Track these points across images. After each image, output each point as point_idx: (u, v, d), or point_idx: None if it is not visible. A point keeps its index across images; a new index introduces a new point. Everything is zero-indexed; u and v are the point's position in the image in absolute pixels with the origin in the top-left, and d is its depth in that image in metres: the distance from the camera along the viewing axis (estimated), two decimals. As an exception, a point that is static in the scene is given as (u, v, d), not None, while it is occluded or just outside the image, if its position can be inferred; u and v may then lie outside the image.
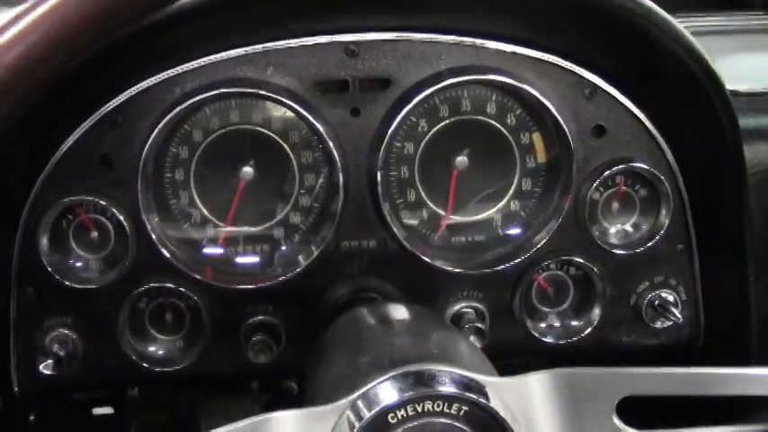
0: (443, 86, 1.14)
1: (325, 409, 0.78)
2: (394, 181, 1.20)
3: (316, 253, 1.17)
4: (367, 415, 0.76)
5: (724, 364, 1.20)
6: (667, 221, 1.22)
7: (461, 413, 0.77)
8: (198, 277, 1.17)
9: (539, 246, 1.20)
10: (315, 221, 1.21)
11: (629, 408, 0.82)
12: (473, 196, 1.23)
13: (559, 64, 1.17)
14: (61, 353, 1.17)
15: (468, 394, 0.77)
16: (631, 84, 1.18)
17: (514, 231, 1.24)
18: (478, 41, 1.16)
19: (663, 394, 0.79)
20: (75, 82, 0.94)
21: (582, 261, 1.22)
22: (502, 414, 0.77)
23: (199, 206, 1.19)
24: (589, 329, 1.24)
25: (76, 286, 1.16)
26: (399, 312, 0.99)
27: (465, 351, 0.87)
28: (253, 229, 1.21)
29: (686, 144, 1.19)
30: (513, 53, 1.16)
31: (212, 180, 1.19)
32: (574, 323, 1.26)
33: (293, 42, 1.14)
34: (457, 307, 1.23)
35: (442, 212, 1.22)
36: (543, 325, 1.26)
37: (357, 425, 0.76)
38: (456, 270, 1.20)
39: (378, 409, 0.76)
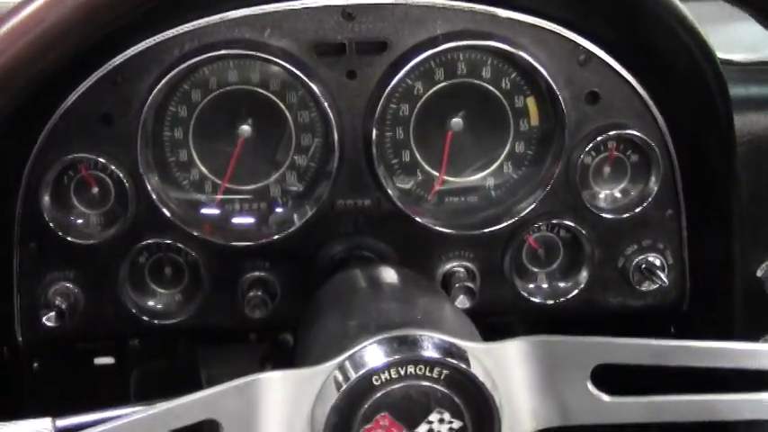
0: (439, 51, 1.16)
1: (315, 370, 0.80)
2: (389, 142, 1.22)
3: (311, 212, 1.20)
4: (353, 376, 0.79)
5: (707, 327, 1.25)
6: (657, 187, 1.23)
7: (442, 377, 0.80)
8: (196, 234, 1.19)
9: (529, 208, 1.22)
10: (311, 181, 1.23)
11: (608, 377, 0.85)
12: (467, 158, 1.25)
13: (554, 30, 1.18)
14: (63, 305, 1.19)
15: (448, 359, 0.80)
16: (626, 52, 1.19)
17: (506, 194, 1.26)
18: (475, 6, 1.17)
19: (635, 363, 0.81)
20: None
21: (572, 224, 1.24)
22: (481, 378, 0.80)
23: (197, 164, 1.22)
24: (576, 291, 1.27)
25: (78, 241, 1.19)
26: (389, 276, 1.01)
27: (449, 316, 0.90)
28: (250, 187, 1.23)
29: (678, 112, 1.21)
30: (509, 19, 1.17)
31: (210, 139, 1.21)
32: (562, 284, 1.28)
33: (291, 5, 1.15)
34: (448, 266, 1.25)
35: (436, 174, 1.24)
36: (532, 285, 1.29)
37: (344, 385, 0.79)
38: (448, 231, 1.22)
39: (363, 371, 0.79)
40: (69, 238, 1.19)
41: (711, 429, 0.94)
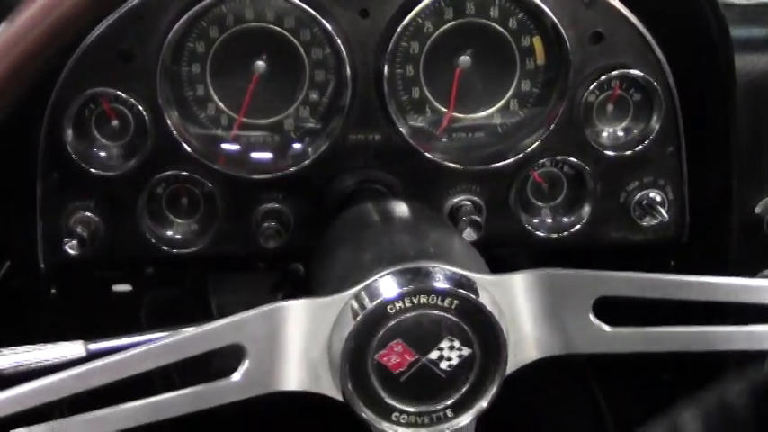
0: None
1: (333, 298, 0.85)
2: (399, 79, 1.25)
3: (324, 146, 1.24)
4: (369, 305, 0.84)
5: (706, 262, 1.29)
6: (659, 125, 1.27)
7: (453, 306, 0.85)
8: (213, 166, 1.23)
9: (535, 144, 1.26)
10: (324, 116, 1.26)
11: (610, 311, 0.90)
12: (474, 96, 1.28)
13: None
14: (84, 233, 1.23)
15: (459, 290, 0.84)
16: (629, -7, 1.22)
17: (512, 130, 1.29)
18: None
19: (634, 296, 0.86)
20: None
21: (575, 160, 1.28)
22: (489, 308, 0.85)
23: (214, 98, 1.25)
24: (579, 225, 1.31)
25: (99, 172, 1.22)
26: (401, 210, 1.06)
27: (459, 249, 0.95)
28: (265, 121, 1.27)
29: (679, 52, 1.24)
30: None
31: (227, 74, 1.24)
32: (565, 219, 1.33)
33: None
34: (455, 200, 1.29)
35: (445, 110, 1.28)
36: (536, 219, 1.33)
37: (360, 313, 0.84)
38: (455, 165, 1.26)
39: (378, 300, 0.84)
40: (91, 169, 1.22)
41: (707, 363, 1.00)
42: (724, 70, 1.20)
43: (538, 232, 1.32)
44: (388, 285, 0.85)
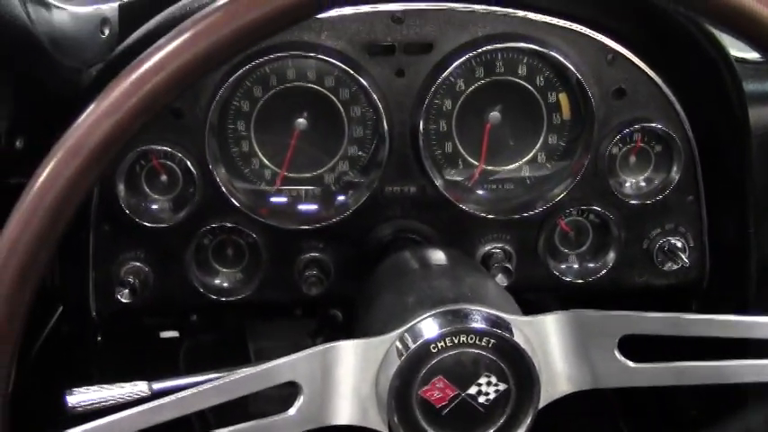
0: (480, 52, 1.27)
1: (381, 339, 0.92)
2: (433, 134, 1.33)
3: (364, 198, 1.31)
4: (413, 345, 0.91)
5: (725, 304, 1.36)
6: (678, 175, 1.34)
7: (490, 345, 0.91)
8: (257, 218, 1.31)
9: (562, 195, 1.33)
10: (362, 169, 1.34)
11: (635, 349, 0.97)
12: (504, 149, 1.35)
13: (584, 32, 1.28)
14: (135, 282, 1.31)
15: (495, 330, 0.91)
16: (649, 51, 1.29)
17: (540, 182, 1.36)
18: (512, 11, 1.28)
19: (656, 333, 0.93)
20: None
21: (600, 209, 1.35)
22: (523, 346, 0.92)
23: (258, 154, 1.32)
24: (605, 270, 1.38)
25: (149, 225, 1.30)
26: (437, 257, 1.13)
27: (494, 293, 1.01)
28: (306, 175, 1.34)
29: (697, 106, 1.31)
30: (543, 22, 1.27)
31: (270, 131, 1.31)
32: (591, 264, 1.40)
33: (345, 10, 1.26)
34: (487, 248, 1.36)
35: (476, 163, 1.35)
36: (564, 265, 1.40)
37: (405, 353, 0.91)
38: (487, 215, 1.33)
39: (421, 340, 0.91)
40: (141, 222, 1.30)
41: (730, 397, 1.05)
42: (739, 122, 1.27)
43: (565, 278, 1.39)
44: (429, 327, 0.92)
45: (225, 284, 1.37)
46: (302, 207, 1.35)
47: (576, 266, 1.40)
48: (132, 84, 0.73)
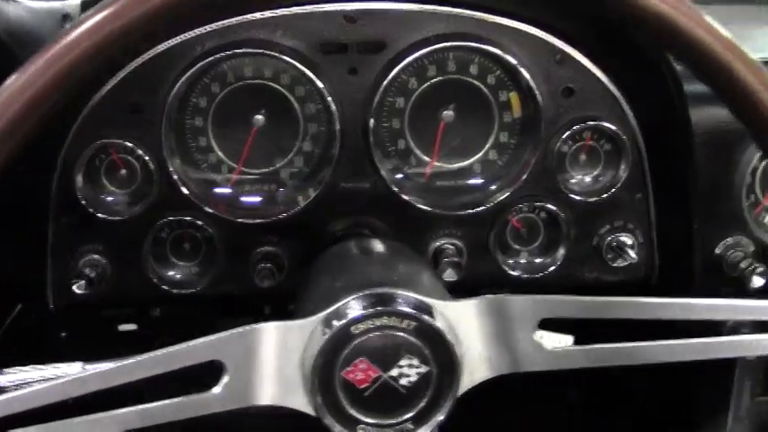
0: (431, 50, 1.29)
1: (304, 321, 0.95)
2: (386, 131, 1.35)
3: (314, 193, 1.34)
4: (334, 326, 0.94)
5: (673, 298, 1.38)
6: (627, 173, 1.37)
7: (411, 327, 0.94)
8: (212, 212, 1.33)
9: (511, 191, 1.36)
10: (316, 165, 1.37)
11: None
12: (456, 146, 1.38)
13: (533, 33, 1.31)
14: (92, 275, 1.32)
15: (416, 312, 0.94)
16: (596, 51, 1.32)
17: (491, 178, 1.39)
18: (463, 11, 1.31)
19: (574, 317, 0.96)
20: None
21: (550, 206, 1.38)
22: (444, 330, 0.95)
23: (215, 149, 1.35)
24: (554, 266, 1.41)
25: (107, 217, 1.32)
26: (376, 246, 1.16)
27: (422, 278, 1.04)
28: (261, 170, 1.37)
29: (644, 106, 1.34)
30: (494, 23, 1.30)
31: (227, 127, 1.34)
32: (540, 260, 1.43)
33: (300, 9, 1.29)
34: (438, 243, 1.39)
35: (428, 160, 1.38)
36: (514, 261, 1.43)
37: (327, 332, 0.94)
38: (438, 211, 1.36)
39: (343, 321, 0.94)
40: (99, 214, 1.32)
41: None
42: (682, 123, 1.30)
43: (514, 272, 1.41)
44: (352, 308, 0.95)
45: (179, 276, 1.39)
46: (256, 201, 1.38)
47: (526, 262, 1.43)
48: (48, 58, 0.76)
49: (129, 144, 1.31)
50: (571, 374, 0.99)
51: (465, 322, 0.97)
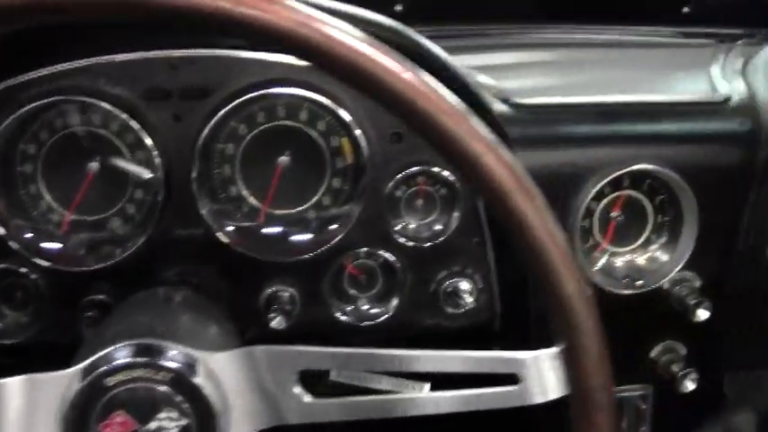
0: (255, 96, 1.29)
1: (59, 374, 0.94)
2: (216, 178, 1.35)
3: (141, 240, 1.32)
4: (87, 378, 0.92)
5: (515, 344, 1.36)
6: (460, 218, 1.36)
7: (168, 379, 0.93)
8: (38, 261, 1.32)
9: (341, 238, 1.35)
10: (147, 212, 1.35)
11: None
12: (291, 192, 1.37)
13: None
14: None
15: (173, 364, 0.93)
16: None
17: (324, 224, 1.37)
18: (289, 58, 1.30)
19: (332, 369, 0.94)
20: None
21: (383, 252, 1.37)
22: (201, 382, 0.93)
23: (45, 196, 1.33)
24: (387, 315, 1.39)
25: None
26: (166, 295, 1.15)
27: (195, 330, 1.03)
28: (93, 218, 1.35)
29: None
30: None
31: (60, 173, 1.33)
32: (374, 309, 1.41)
33: (124, 56, 1.29)
34: (270, 290, 1.37)
35: (261, 206, 1.36)
36: (350, 308, 1.42)
37: (79, 386, 0.92)
38: (269, 259, 1.35)
39: (96, 373, 0.92)
40: None
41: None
42: None
43: (346, 319, 1.39)
44: (109, 359, 0.93)
45: (5, 326, 1.37)
46: (86, 248, 1.36)
47: (357, 309, 1.41)
48: None
49: None
50: None
51: (228, 374, 0.96)
